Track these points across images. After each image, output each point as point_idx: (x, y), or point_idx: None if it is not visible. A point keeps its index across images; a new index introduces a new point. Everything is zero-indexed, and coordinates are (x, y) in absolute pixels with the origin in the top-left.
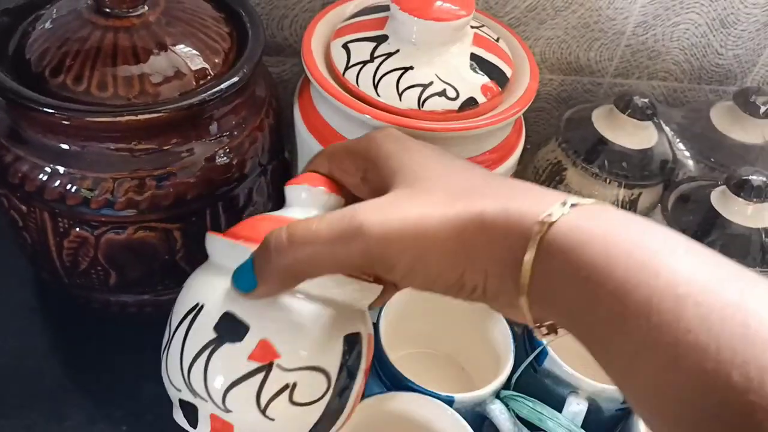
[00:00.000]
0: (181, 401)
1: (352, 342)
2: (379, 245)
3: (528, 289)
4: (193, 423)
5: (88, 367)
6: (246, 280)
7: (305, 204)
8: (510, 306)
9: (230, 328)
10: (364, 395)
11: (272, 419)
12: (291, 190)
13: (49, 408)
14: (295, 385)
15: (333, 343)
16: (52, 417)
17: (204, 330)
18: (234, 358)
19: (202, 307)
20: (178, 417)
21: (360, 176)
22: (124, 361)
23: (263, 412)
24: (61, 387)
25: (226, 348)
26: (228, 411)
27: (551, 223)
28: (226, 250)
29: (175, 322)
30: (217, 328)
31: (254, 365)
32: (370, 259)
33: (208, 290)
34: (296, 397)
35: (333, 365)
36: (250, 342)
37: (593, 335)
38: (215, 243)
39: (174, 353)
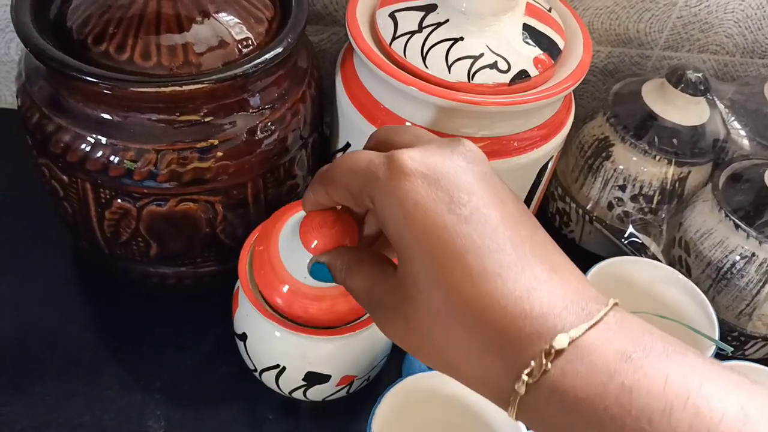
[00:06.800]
0: None
1: None
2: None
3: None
4: None
5: (127, 338)
6: None
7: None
8: None
9: None
10: (409, 372)
11: None
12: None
13: (87, 377)
14: None
15: None
16: (91, 386)
17: None
18: None
19: None
20: None
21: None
22: (163, 332)
23: None
24: (100, 357)
25: None
26: None
27: (531, 383)
28: None
29: None
30: None
31: None
32: None
33: None
34: None
35: None
36: None
37: None
38: None
39: None
